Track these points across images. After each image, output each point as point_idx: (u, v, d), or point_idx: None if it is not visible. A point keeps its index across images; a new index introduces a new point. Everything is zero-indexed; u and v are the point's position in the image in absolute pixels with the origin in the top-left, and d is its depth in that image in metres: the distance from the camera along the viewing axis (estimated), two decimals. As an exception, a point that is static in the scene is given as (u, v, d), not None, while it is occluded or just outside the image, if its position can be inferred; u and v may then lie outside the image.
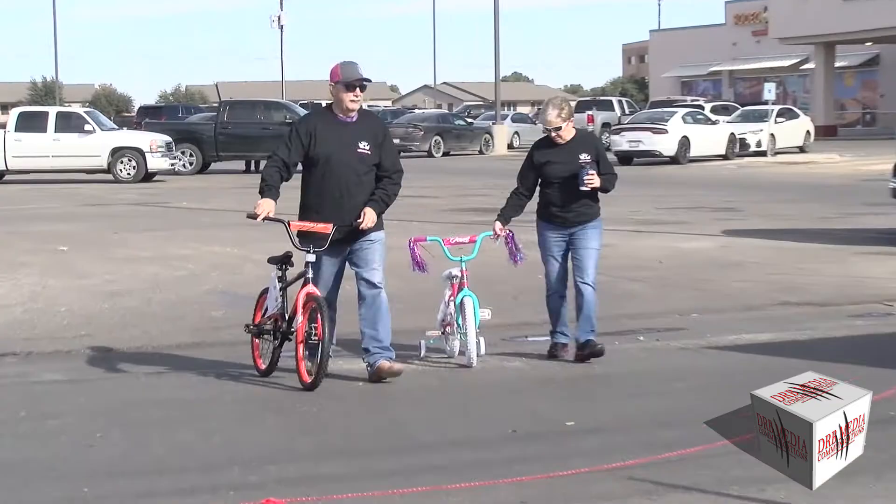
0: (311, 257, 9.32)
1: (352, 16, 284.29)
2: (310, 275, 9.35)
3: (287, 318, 9.56)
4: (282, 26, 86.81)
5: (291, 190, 9.84)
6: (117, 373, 10.39)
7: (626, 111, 60.73)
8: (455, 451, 7.59)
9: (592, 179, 9.92)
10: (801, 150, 51.11)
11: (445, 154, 53.49)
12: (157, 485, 6.98)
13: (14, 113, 38.68)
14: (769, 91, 51.39)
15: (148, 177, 36.63)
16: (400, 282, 12.43)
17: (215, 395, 9.35)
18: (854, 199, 26.76)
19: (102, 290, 14.86)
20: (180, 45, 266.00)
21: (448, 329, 10.43)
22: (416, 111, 69.39)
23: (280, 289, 9.72)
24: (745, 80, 79.23)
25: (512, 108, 79.10)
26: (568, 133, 10.19)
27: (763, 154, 48.29)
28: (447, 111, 69.21)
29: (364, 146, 9.44)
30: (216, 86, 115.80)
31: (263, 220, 9.34)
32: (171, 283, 15.52)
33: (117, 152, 36.40)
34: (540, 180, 10.38)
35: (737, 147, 47.61)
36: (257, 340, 9.95)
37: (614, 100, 68.78)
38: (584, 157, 10.07)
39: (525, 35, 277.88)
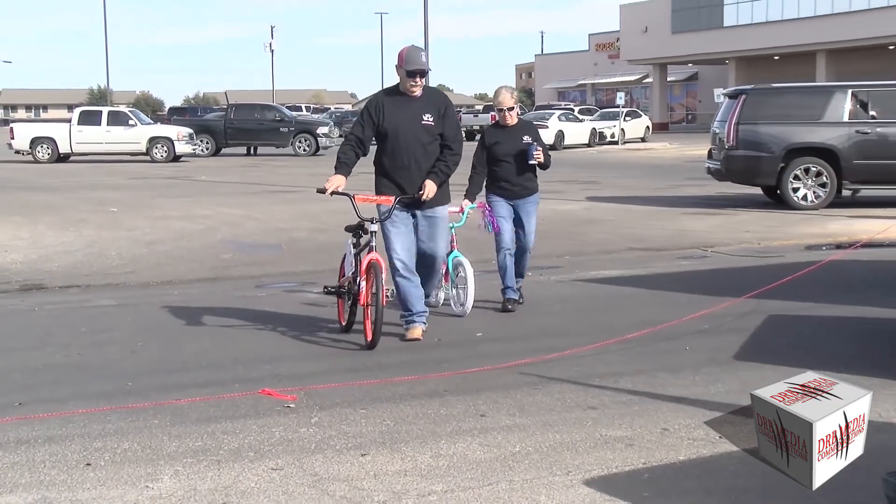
0: (375, 227, 7.91)
1: (322, 42, 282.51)
2: (373, 243, 7.90)
3: (357, 281, 8.09)
4: (272, 50, 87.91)
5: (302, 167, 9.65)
6: (153, 299, 10.31)
7: (519, 113, 60.54)
8: (397, 354, 7.61)
9: (539, 155, 9.08)
10: (643, 140, 51.58)
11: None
12: (182, 380, 6.95)
13: (77, 111, 38.53)
14: (620, 98, 51.78)
15: (176, 158, 36.64)
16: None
17: (225, 314, 9.29)
18: (680, 175, 27.01)
19: (143, 240, 14.77)
20: (200, 63, 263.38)
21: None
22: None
23: (354, 254, 8.25)
24: (603, 90, 79.37)
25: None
26: (513, 118, 9.34)
27: (616, 143, 48.63)
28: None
29: (428, 118, 7.99)
30: (225, 93, 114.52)
31: (331, 193, 7.92)
32: (194, 234, 15.44)
33: (153, 140, 36.56)
34: (489, 159, 9.34)
35: (597, 138, 48.01)
36: (340, 300, 8.45)
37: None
38: (527, 138, 9.21)
39: (448, 56, 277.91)
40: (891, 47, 53.06)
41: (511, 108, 9.29)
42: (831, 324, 8.41)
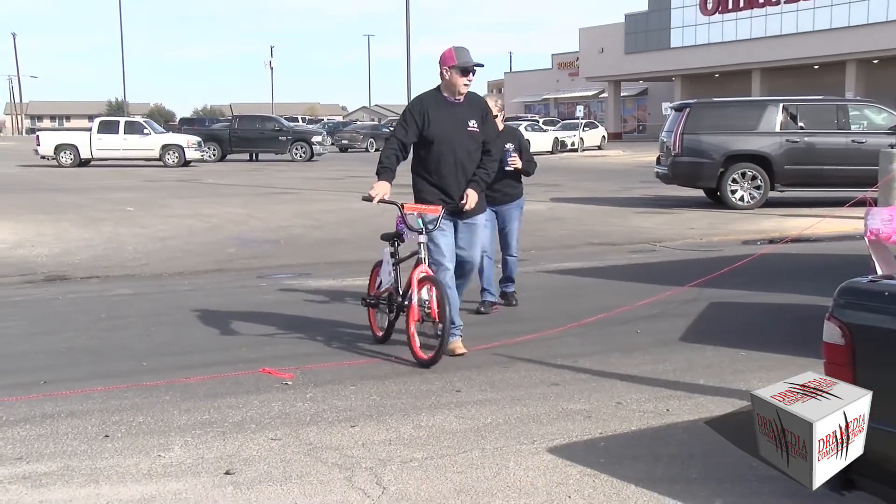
0: (424, 238, 6.78)
1: (317, 60, 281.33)
2: (422, 255, 6.78)
3: (401, 292, 7.02)
4: (272, 67, 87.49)
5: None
6: (166, 288, 10.25)
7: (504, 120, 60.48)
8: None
9: (515, 161, 8.29)
10: (600, 148, 51.53)
11: (377, 150, 53.02)
12: (191, 360, 6.91)
13: (96, 121, 38.37)
14: (579, 111, 51.98)
15: (186, 163, 36.34)
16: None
17: (229, 301, 9.25)
18: (632, 179, 27.05)
19: (156, 236, 14.66)
20: (207, 78, 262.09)
21: None
22: (358, 123, 69.00)
23: (393, 264, 7.19)
24: (564, 103, 79.33)
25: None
26: (499, 125, 8.21)
27: (575, 150, 48.62)
28: (378, 122, 68.82)
29: (473, 125, 6.97)
30: (230, 105, 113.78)
31: (378, 202, 6.83)
32: (202, 231, 15.33)
33: (166, 147, 36.34)
34: None
35: (559, 146, 47.98)
36: (373, 310, 7.45)
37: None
38: (508, 146, 8.35)
39: (427, 73, 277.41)
40: (815, 67, 53.38)
41: (496, 117, 8.16)
42: (764, 309, 8.45)
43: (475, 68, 6.83)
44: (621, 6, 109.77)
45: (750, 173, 17.93)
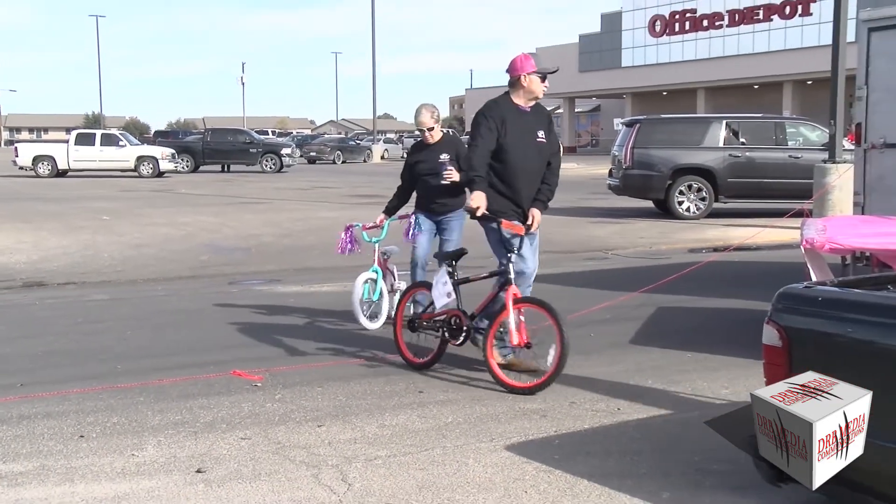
0: (514, 257, 6.15)
1: (287, 76, 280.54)
2: (511, 275, 6.10)
3: (469, 314, 6.32)
4: (244, 83, 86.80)
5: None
6: (141, 294, 10.14)
7: (443, 130, 60.42)
8: (349, 342, 7.53)
9: (451, 175, 7.39)
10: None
11: (343, 162, 53.07)
12: (164, 363, 6.84)
13: (74, 133, 37.87)
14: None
15: (160, 174, 35.91)
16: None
17: (202, 306, 9.17)
18: (586, 190, 27.16)
19: (132, 243, 14.50)
20: (181, 93, 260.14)
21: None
22: (326, 136, 68.83)
23: (454, 284, 6.37)
24: (522, 119, 79.68)
25: (383, 135, 78.42)
26: (437, 135, 7.79)
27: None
28: (345, 136, 68.67)
29: (541, 135, 6.33)
30: (203, 119, 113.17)
31: (481, 215, 6.07)
32: (176, 239, 15.18)
33: (141, 159, 35.88)
34: (412, 176, 7.85)
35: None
36: (401, 333, 6.66)
37: (446, 130, 68.87)
38: (444, 156, 7.65)
39: (392, 89, 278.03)
40: (755, 86, 54.11)
41: (431, 129, 7.76)
42: (709, 314, 8.52)
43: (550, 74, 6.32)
44: (576, 27, 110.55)
45: (696, 185, 18.12)
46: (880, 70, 8.76)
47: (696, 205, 18.13)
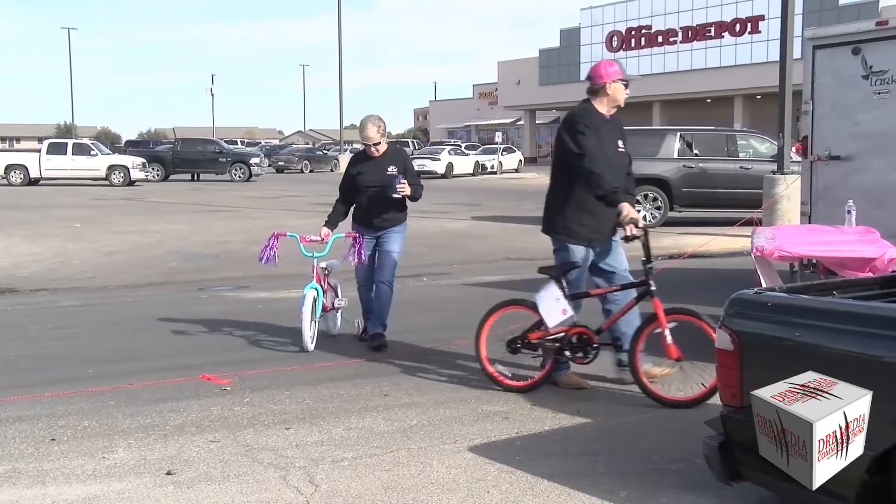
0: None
1: (255, 87, 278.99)
2: (654, 287, 5.91)
3: (596, 330, 5.96)
4: (213, 94, 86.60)
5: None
6: (112, 300, 10.02)
7: (417, 147, 60.71)
8: (316, 347, 7.48)
9: (403, 188, 7.12)
10: (517, 171, 51.94)
11: (311, 171, 52.84)
12: (135, 367, 6.77)
13: (46, 143, 37.23)
14: (498, 137, 52.64)
15: (131, 183, 35.43)
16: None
17: (172, 312, 9.08)
18: (546, 200, 27.27)
19: (103, 251, 14.33)
20: (152, 103, 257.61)
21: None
22: (293, 146, 68.57)
23: (569, 300, 5.94)
24: (484, 130, 79.80)
25: (350, 145, 78.57)
26: (382, 148, 7.31)
27: (495, 173, 48.92)
28: (312, 146, 68.43)
29: (621, 145, 5.98)
30: (173, 129, 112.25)
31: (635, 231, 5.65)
32: (146, 246, 15.03)
33: (112, 168, 35.38)
34: (353, 188, 7.38)
35: (480, 169, 48.25)
36: (486, 353, 6.11)
37: (410, 140, 69.07)
38: (392, 169, 7.22)
39: (358, 100, 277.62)
40: (708, 100, 54.77)
41: (377, 144, 7.26)
42: (664, 318, 8.57)
43: None
44: (536, 42, 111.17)
45: (651, 195, 18.28)
46: (825, 86, 8.92)
47: (651, 214, 18.28)
